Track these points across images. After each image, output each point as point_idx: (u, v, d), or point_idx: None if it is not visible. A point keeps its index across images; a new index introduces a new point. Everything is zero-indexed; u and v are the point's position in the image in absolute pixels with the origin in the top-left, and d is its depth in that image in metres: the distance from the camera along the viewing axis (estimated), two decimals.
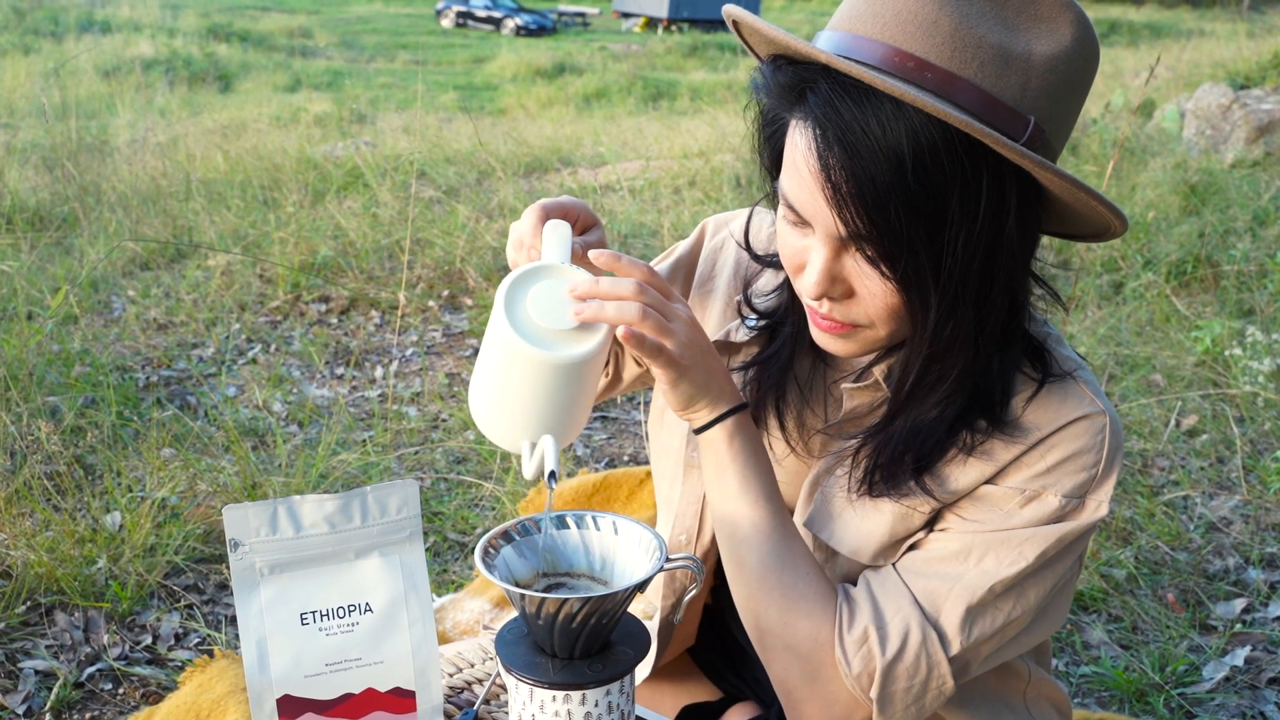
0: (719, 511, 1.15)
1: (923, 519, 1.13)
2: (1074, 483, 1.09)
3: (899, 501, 1.13)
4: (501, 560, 1.07)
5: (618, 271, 1.07)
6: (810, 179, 0.99)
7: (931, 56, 0.95)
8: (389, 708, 1.14)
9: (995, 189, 0.96)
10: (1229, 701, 2.11)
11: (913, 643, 1.08)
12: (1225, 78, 7.82)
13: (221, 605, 2.41)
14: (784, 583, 1.11)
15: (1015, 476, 1.09)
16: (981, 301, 1.02)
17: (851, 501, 1.16)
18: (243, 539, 1.11)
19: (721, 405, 1.12)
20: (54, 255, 4.67)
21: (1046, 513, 1.09)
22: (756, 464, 1.14)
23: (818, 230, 1.02)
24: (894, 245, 0.97)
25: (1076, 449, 1.09)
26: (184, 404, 3.43)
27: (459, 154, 6.75)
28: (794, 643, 1.11)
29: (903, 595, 1.10)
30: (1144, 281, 4.21)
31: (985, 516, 1.10)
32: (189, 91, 11.51)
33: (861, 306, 1.05)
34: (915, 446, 1.10)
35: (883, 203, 0.95)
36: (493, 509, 2.83)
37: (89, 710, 2.09)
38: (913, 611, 1.09)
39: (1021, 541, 1.08)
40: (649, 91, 12.86)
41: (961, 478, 1.11)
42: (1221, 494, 2.84)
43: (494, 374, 1.06)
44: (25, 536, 2.44)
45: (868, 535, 1.15)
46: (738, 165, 6.08)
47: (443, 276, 4.54)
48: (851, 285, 1.04)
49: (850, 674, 1.08)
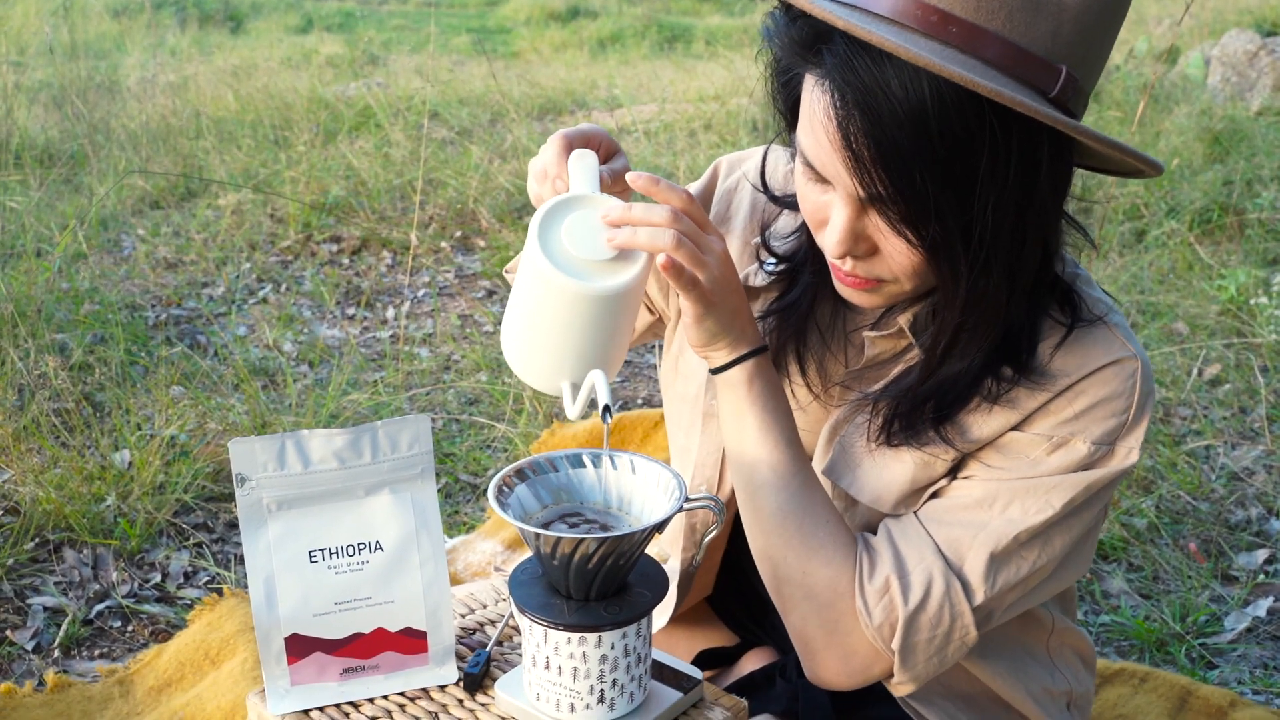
0: (737, 456, 1.11)
1: (945, 466, 1.09)
2: (1103, 429, 1.05)
3: (919, 450, 1.09)
4: (515, 499, 1.03)
5: (655, 196, 1.02)
6: (829, 143, 0.93)
7: (955, 9, 0.88)
8: (399, 648, 1.11)
9: (1026, 147, 0.90)
10: (1250, 652, 2.08)
11: (936, 592, 1.04)
12: (1252, 24, 7.67)
13: (231, 544, 2.40)
14: (803, 530, 1.08)
15: (1042, 423, 1.05)
16: (1014, 260, 0.97)
17: (871, 450, 1.12)
18: (250, 474, 1.08)
19: (743, 346, 1.08)
20: (63, 193, 4.63)
21: (1074, 460, 1.05)
22: (776, 408, 1.09)
23: (838, 189, 0.97)
24: (920, 211, 0.92)
25: (1106, 394, 1.04)
26: (194, 343, 3.40)
27: (472, 95, 6.66)
28: (812, 591, 1.07)
29: (925, 544, 1.06)
30: (1167, 229, 4.14)
31: (1011, 464, 1.06)
32: (200, 31, 11.40)
33: (886, 264, 1.00)
34: (937, 397, 1.06)
35: (907, 168, 0.89)
36: (505, 450, 2.80)
37: (98, 647, 2.08)
38: (935, 560, 1.05)
39: (1049, 489, 1.04)
40: (664, 35, 12.71)
41: (984, 427, 1.07)
42: (1244, 444, 2.80)
43: (531, 312, 1.02)
44: (33, 473, 2.42)
45: (889, 483, 1.11)
46: (754, 109, 5.99)
47: (455, 217, 4.49)
48: (875, 243, 0.99)
49: (871, 625, 1.05)
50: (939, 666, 1.08)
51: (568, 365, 1.03)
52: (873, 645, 1.07)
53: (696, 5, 15.35)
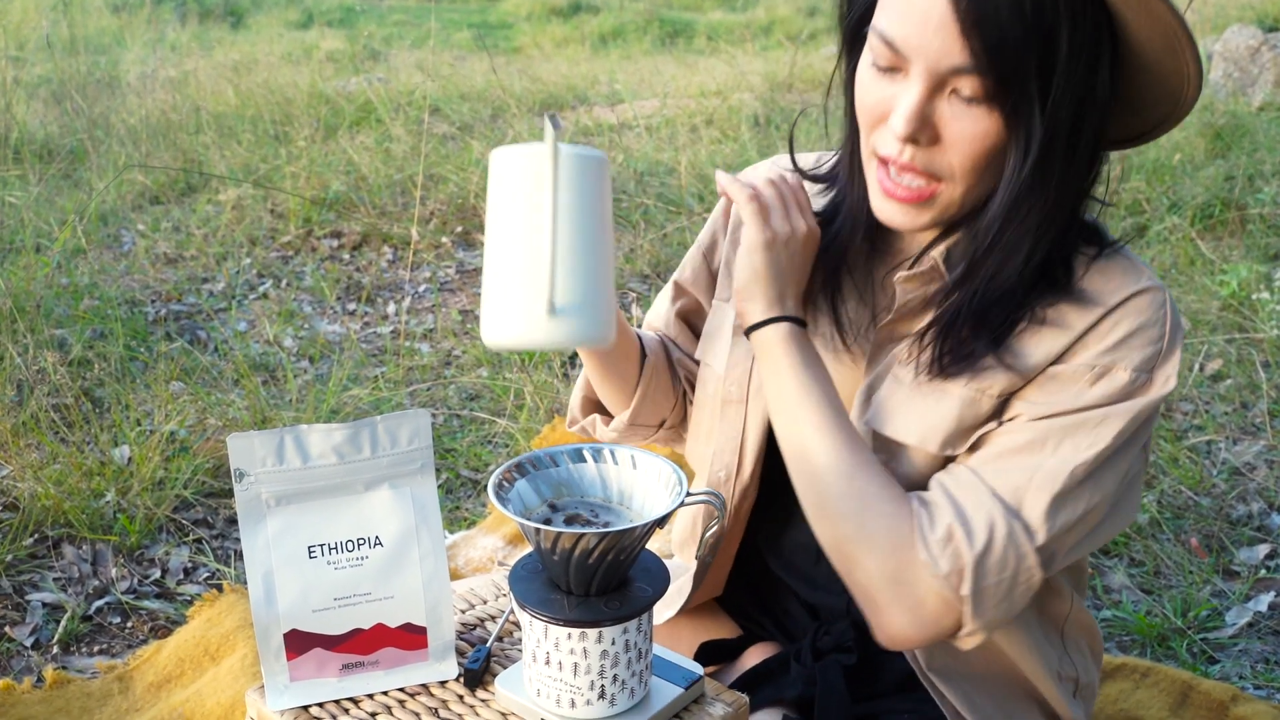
0: (781, 421, 1.14)
1: (991, 405, 1.10)
2: (1142, 356, 1.07)
3: (971, 381, 1.10)
4: (516, 494, 1.03)
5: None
6: (925, 7, 0.97)
7: None
8: (399, 644, 1.11)
9: (1093, 45, 0.98)
10: (1252, 647, 2.08)
11: (999, 535, 1.04)
12: (1254, 19, 7.66)
13: (231, 540, 2.39)
14: (856, 486, 1.09)
15: (1084, 354, 1.08)
16: (1069, 154, 1.02)
17: (919, 386, 1.12)
18: (248, 469, 1.07)
19: (780, 308, 1.14)
20: (62, 188, 4.62)
21: (1117, 389, 1.07)
22: (815, 372, 1.13)
23: (915, 69, 1.00)
24: (1008, 76, 0.97)
25: (1142, 322, 1.07)
26: (194, 338, 3.39)
27: (473, 90, 6.66)
28: (873, 543, 1.07)
29: (981, 490, 1.07)
30: (1169, 225, 4.13)
31: (1055, 399, 1.08)
32: (200, 26, 11.38)
33: (945, 155, 1.03)
34: (987, 315, 1.09)
35: (1003, 32, 0.95)
36: (506, 446, 2.80)
37: (97, 643, 2.07)
38: (994, 505, 1.05)
39: (1096, 423, 1.06)
40: (666, 30, 12.68)
41: (1035, 350, 1.09)
42: (1246, 439, 2.79)
43: (501, 241, 0.87)
44: (33, 469, 2.41)
45: (935, 423, 1.11)
46: (755, 104, 5.98)
47: (456, 212, 4.48)
48: (939, 130, 1.02)
49: (940, 574, 1.04)
50: (1008, 612, 1.08)
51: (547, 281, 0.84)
52: (941, 595, 1.06)
53: (698, 0, 15.31)
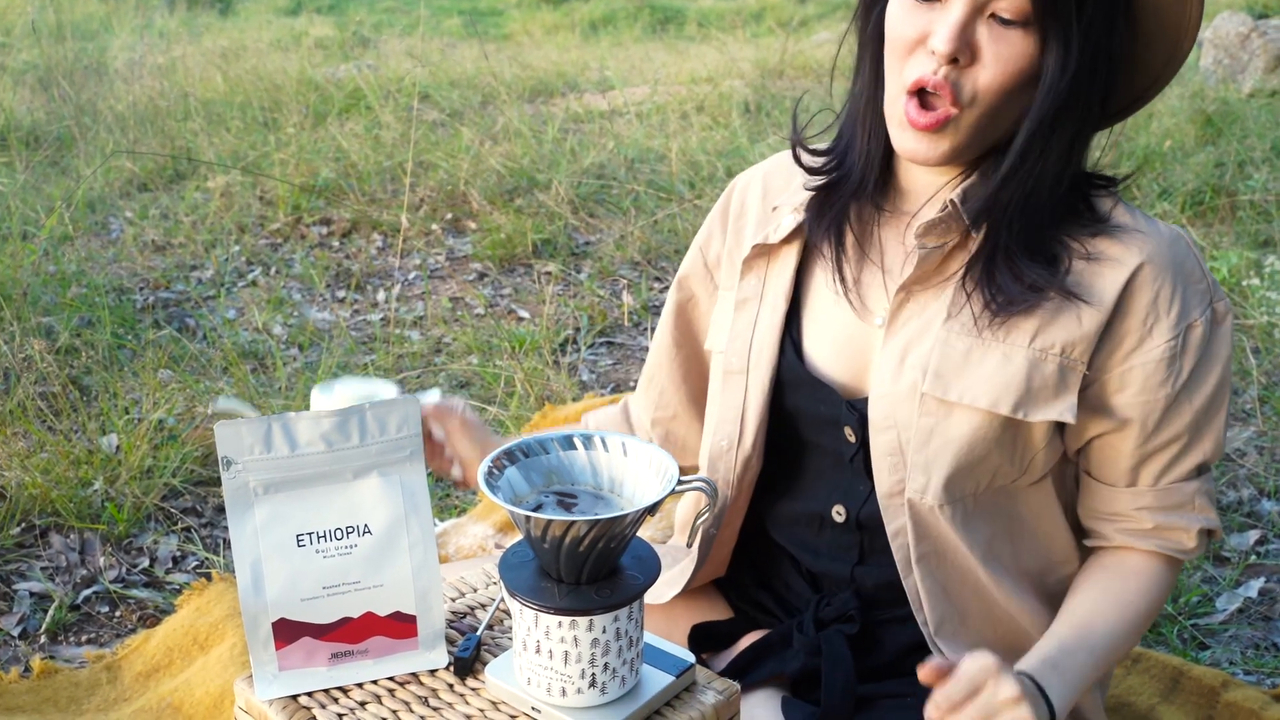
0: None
1: (1055, 366, 1.12)
2: (1197, 299, 1.15)
3: (1034, 339, 1.12)
4: (505, 481, 1.02)
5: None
6: None
7: None
8: (389, 632, 1.10)
9: None
10: (1242, 633, 2.08)
11: (1206, 490, 1.23)
12: (1244, 6, 7.66)
13: (220, 528, 2.38)
14: (1140, 622, 1.21)
15: (1158, 335, 1.13)
16: (1092, 78, 1.08)
17: (983, 339, 1.14)
18: (236, 457, 1.06)
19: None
20: (49, 175, 4.59)
21: (1199, 339, 1.15)
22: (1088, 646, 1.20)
23: None
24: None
25: (1186, 270, 1.15)
26: (182, 326, 3.38)
27: (463, 77, 6.62)
28: (1144, 627, 1.23)
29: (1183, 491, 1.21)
30: (1160, 211, 4.13)
31: (1160, 388, 1.15)
32: (188, 13, 11.32)
33: (976, 76, 1.07)
34: (1024, 250, 1.13)
35: None
36: (496, 433, 2.78)
37: (85, 633, 2.06)
38: (1192, 489, 1.21)
39: (1204, 373, 1.16)
40: (656, 17, 12.63)
41: (1098, 282, 1.13)
42: (1236, 425, 2.80)
43: None
44: (19, 457, 2.40)
45: (1006, 385, 1.13)
46: (746, 91, 5.96)
47: (446, 199, 4.46)
48: (978, 50, 1.07)
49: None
50: None
51: None
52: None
53: None
